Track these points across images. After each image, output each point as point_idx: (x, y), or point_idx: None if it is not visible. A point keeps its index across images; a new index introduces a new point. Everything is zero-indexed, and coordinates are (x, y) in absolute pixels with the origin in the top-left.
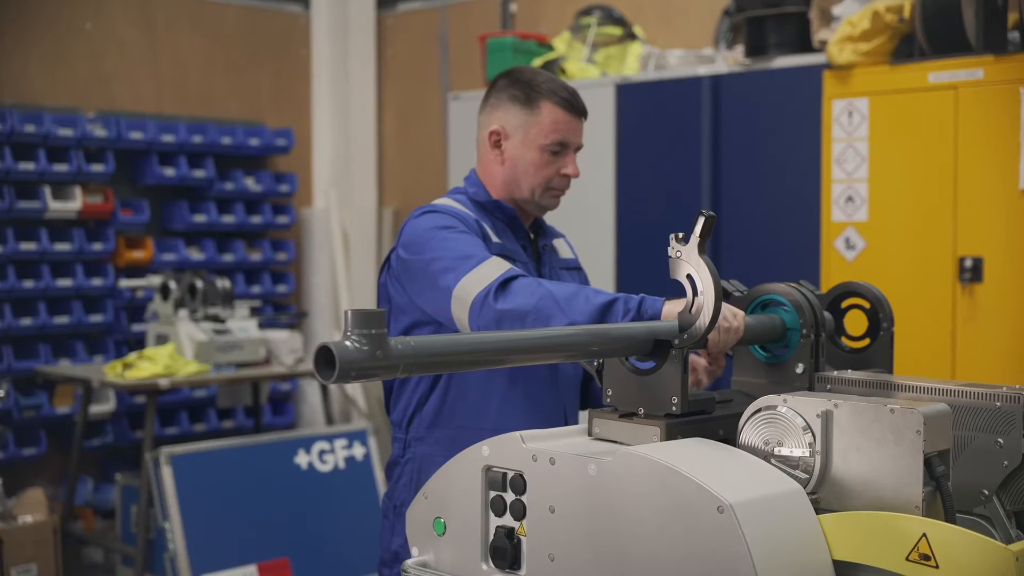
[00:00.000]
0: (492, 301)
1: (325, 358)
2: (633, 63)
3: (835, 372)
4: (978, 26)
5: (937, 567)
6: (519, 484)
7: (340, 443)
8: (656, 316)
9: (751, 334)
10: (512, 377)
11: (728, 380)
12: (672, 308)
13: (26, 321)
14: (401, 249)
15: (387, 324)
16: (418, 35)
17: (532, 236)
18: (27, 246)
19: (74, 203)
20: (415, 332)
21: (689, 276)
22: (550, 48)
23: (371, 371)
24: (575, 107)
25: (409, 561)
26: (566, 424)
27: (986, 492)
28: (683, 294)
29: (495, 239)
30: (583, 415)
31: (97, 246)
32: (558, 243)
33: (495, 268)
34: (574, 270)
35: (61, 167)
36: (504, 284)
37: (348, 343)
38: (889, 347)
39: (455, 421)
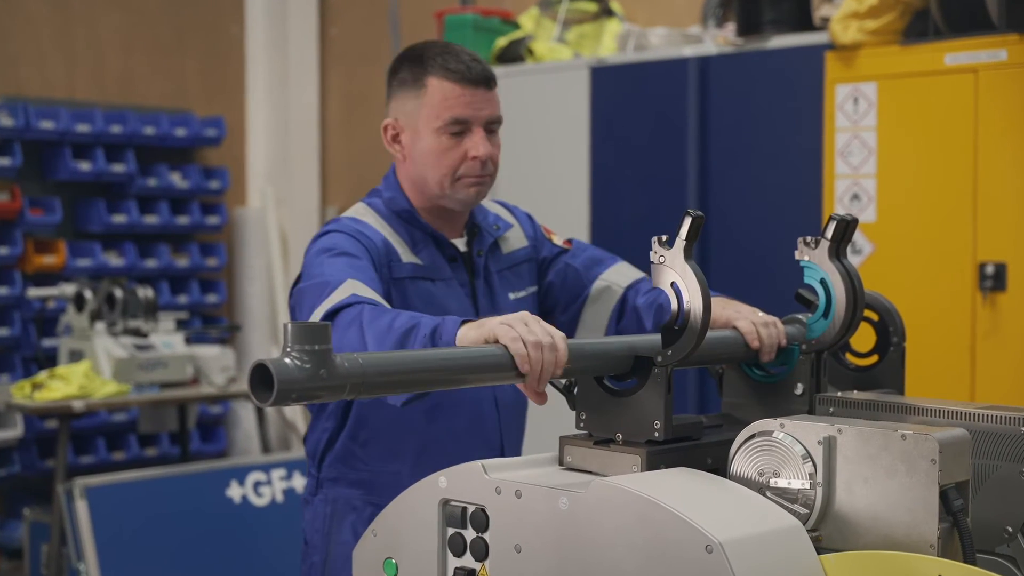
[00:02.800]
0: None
1: (261, 377)
2: (610, 43)
3: (839, 393)
4: (1001, 1)
5: None
6: (481, 520)
7: (278, 473)
8: (450, 342)
9: (583, 361)
10: (432, 414)
11: (718, 403)
12: (467, 333)
13: None
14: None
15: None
16: (366, 12)
17: (467, 241)
18: None
19: None
20: None
21: (674, 284)
22: (516, 26)
23: (314, 392)
24: (468, 76)
25: None
26: None
27: (1010, 529)
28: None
29: (407, 258)
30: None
31: (2, 250)
32: (508, 236)
33: (339, 295)
34: (521, 264)
35: None
36: (331, 316)
37: (288, 360)
38: (900, 365)
39: (369, 464)
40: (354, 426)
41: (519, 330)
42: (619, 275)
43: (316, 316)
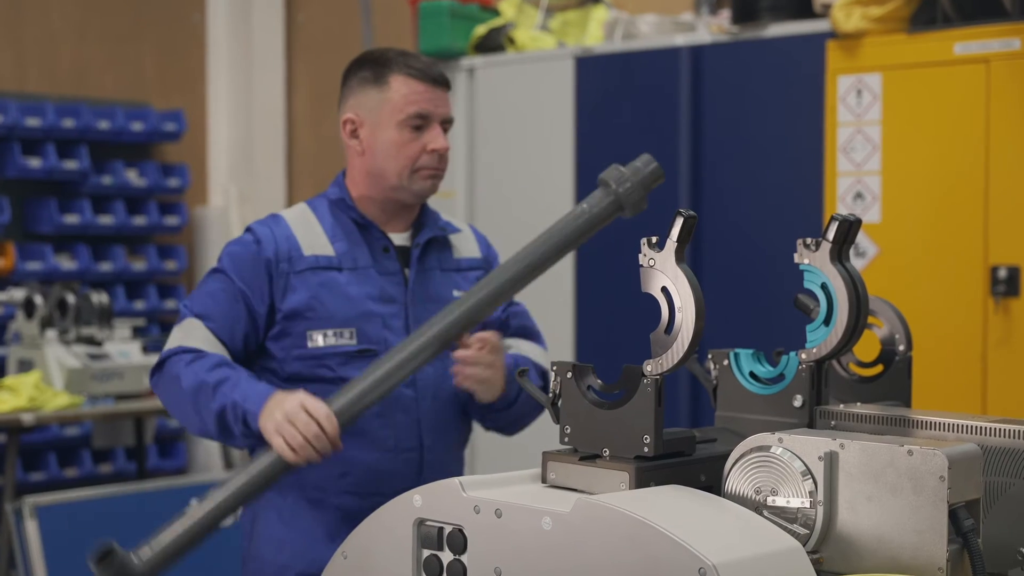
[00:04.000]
0: (150, 379)
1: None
2: (596, 31)
3: (841, 405)
4: None
5: None
6: (458, 541)
7: None
8: (256, 420)
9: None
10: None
11: (711, 415)
12: (266, 410)
13: None
14: None
15: None
16: None
17: (412, 235)
18: None
19: None
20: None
21: (664, 289)
22: (495, 13)
23: None
24: (430, 76)
25: None
26: (422, 462)
27: (1023, 550)
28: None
29: (312, 251)
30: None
31: None
32: (458, 238)
33: (177, 337)
34: (469, 271)
35: None
36: (162, 363)
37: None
38: (906, 375)
39: None
40: None
41: (285, 434)
42: (527, 350)
43: (167, 343)
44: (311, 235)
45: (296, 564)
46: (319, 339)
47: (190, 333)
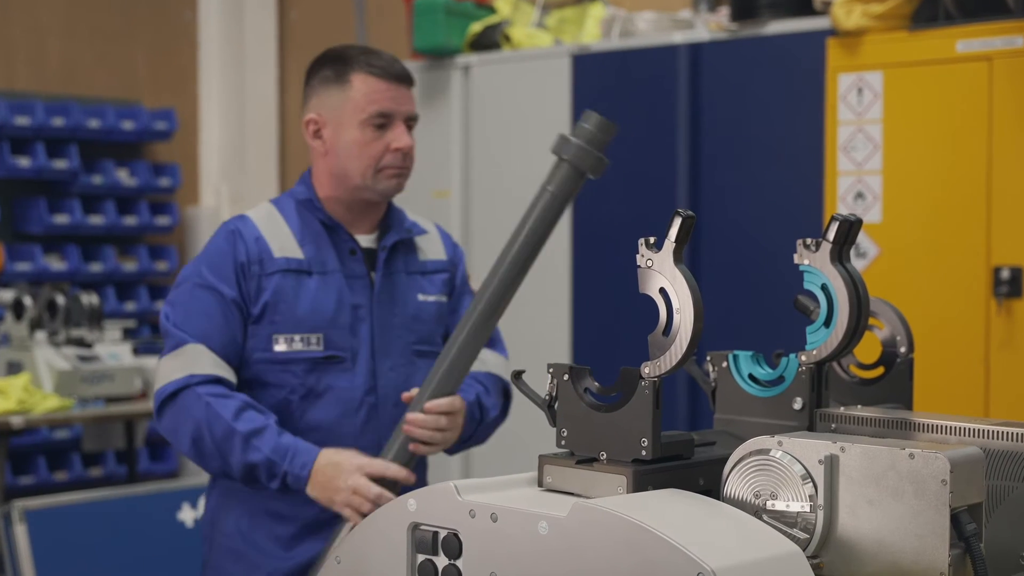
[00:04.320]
0: (157, 414)
1: None
2: (593, 28)
3: (842, 408)
4: None
5: None
6: (453, 545)
7: None
8: (301, 483)
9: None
10: (303, 404)
11: (710, 418)
12: (320, 479)
13: None
14: None
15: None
16: None
17: (378, 237)
18: None
19: None
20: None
21: (663, 290)
22: (491, 10)
23: None
24: (392, 73)
25: None
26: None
27: None
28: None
29: (282, 253)
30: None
31: None
32: (424, 240)
33: (179, 366)
34: (434, 273)
35: None
36: (173, 395)
37: None
38: (908, 377)
39: None
40: None
41: (357, 506)
42: (493, 363)
43: (162, 374)
44: (280, 237)
45: (253, 574)
46: (285, 344)
47: (196, 360)
